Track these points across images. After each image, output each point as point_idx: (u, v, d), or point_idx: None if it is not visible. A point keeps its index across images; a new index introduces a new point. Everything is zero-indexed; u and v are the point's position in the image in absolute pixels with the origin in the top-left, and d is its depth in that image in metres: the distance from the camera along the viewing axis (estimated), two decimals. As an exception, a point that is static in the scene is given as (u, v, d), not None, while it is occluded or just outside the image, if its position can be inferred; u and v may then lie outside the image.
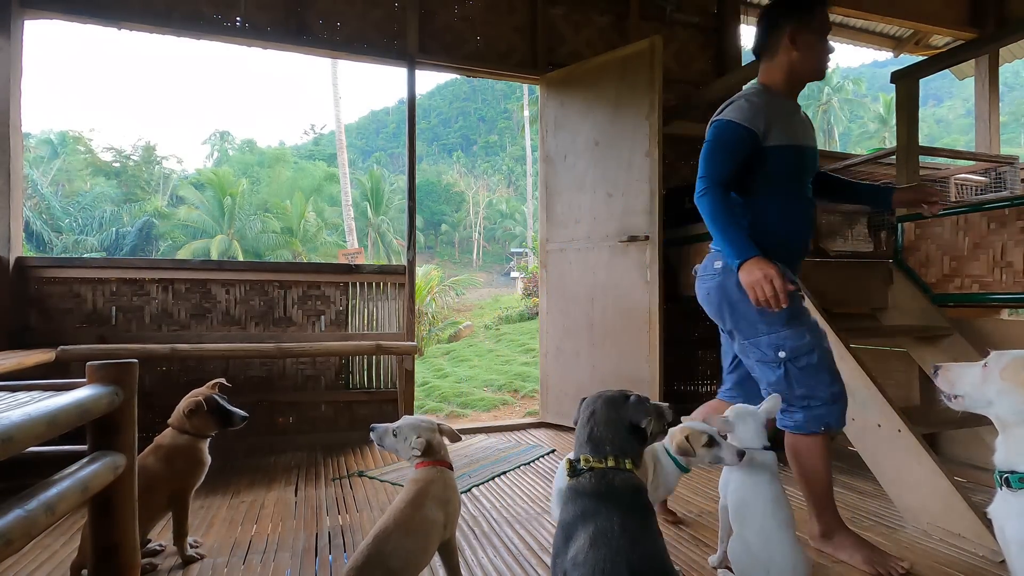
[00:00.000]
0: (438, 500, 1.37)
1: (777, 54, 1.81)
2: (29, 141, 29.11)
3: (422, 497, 1.35)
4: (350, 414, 3.29)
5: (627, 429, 1.14)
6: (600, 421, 1.15)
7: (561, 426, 3.50)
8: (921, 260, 2.82)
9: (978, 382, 1.19)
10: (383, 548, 1.24)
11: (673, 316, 3.76)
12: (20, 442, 0.88)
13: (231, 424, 1.79)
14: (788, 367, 1.69)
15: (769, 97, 1.78)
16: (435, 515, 1.35)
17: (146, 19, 3.02)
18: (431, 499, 1.36)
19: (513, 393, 7.15)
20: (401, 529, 1.28)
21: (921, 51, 5.09)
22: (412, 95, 3.42)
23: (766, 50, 1.85)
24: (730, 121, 1.76)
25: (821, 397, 1.69)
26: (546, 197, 3.65)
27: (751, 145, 1.73)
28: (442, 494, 1.39)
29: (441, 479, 1.42)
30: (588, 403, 1.20)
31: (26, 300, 2.84)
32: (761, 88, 1.82)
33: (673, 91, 3.86)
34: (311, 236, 26.31)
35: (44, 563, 1.73)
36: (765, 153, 1.74)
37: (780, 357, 1.70)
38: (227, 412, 1.79)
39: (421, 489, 1.37)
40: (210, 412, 1.76)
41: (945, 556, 1.77)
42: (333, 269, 3.43)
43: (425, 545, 1.32)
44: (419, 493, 1.36)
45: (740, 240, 1.64)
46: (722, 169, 1.73)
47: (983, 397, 1.18)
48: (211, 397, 1.78)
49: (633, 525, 0.98)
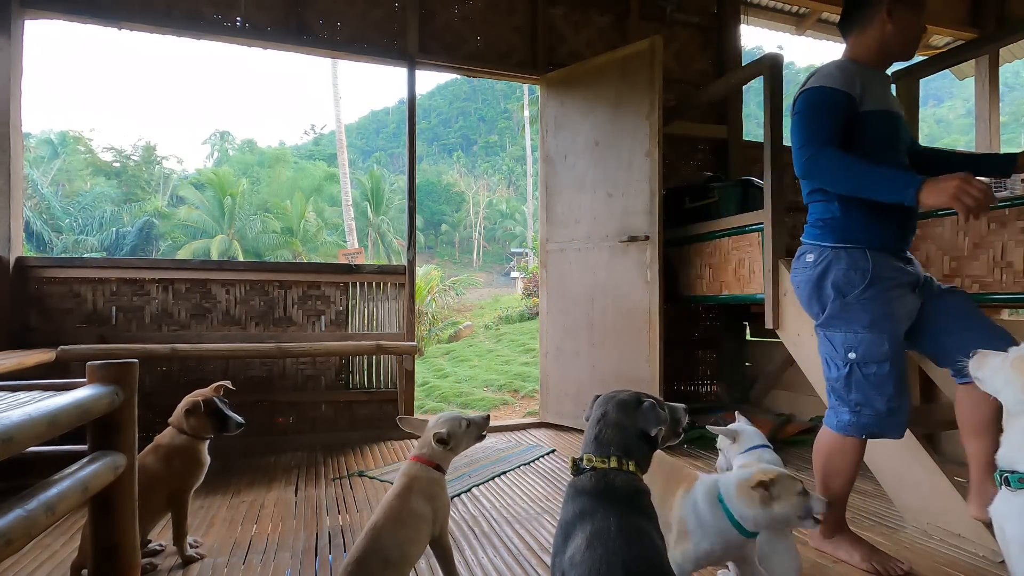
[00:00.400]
0: (424, 494, 1.43)
1: (869, 27, 1.69)
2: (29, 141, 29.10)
3: (407, 491, 1.42)
4: (350, 414, 3.29)
5: (636, 434, 1.12)
6: (610, 423, 1.13)
7: (561, 426, 3.50)
8: (921, 260, 2.82)
9: (996, 369, 1.24)
10: (379, 541, 1.32)
11: (673, 316, 3.77)
12: (20, 442, 0.88)
13: (227, 429, 1.78)
14: (854, 369, 1.63)
15: (859, 66, 1.68)
16: (422, 508, 1.41)
17: (146, 19, 3.02)
18: (416, 492, 1.42)
19: (513, 393, 7.16)
20: (392, 521, 1.36)
21: (921, 51, 5.09)
22: (412, 95, 3.42)
23: (857, 23, 1.73)
24: (823, 86, 1.64)
25: (875, 407, 1.62)
26: (546, 197, 3.65)
27: (848, 109, 1.62)
28: (427, 488, 1.45)
29: (425, 475, 1.47)
30: (600, 403, 1.18)
31: (26, 300, 2.84)
32: (849, 60, 1.73)
33: (673, 91, 3.87)
34: (311, 236, 26.31)
35: (44, 563, 1.73)
36: (863, 119, 1.63)
37: (849, 358, 1.64)
38: (224, 416, 1.78)
39: (406, 483, 1.44)
40: (207, 414, 1.75)
41: (945, 556, 1.77)
42: (333, 269, 3.43)
43: (415, 535, 1.39)
44: (405, 487, 1.43)
45: (894, 173, 1.50)
46: (825, 131, 1.60)
47: (993, 384, 1.24)
48: (211, 400, 1.77)
49: (630, 526, 0.97)
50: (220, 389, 1.86)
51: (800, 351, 2.57)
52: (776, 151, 2.72)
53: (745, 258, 2.89)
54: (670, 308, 3.17)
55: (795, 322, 2.58)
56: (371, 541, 1.32)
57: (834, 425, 1.70)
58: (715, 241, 3.11)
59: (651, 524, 1.03)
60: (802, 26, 4.70)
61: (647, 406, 1.14)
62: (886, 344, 1.61)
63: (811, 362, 2.50)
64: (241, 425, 1.80)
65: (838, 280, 1.67)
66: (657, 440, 1.14)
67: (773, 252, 2.68)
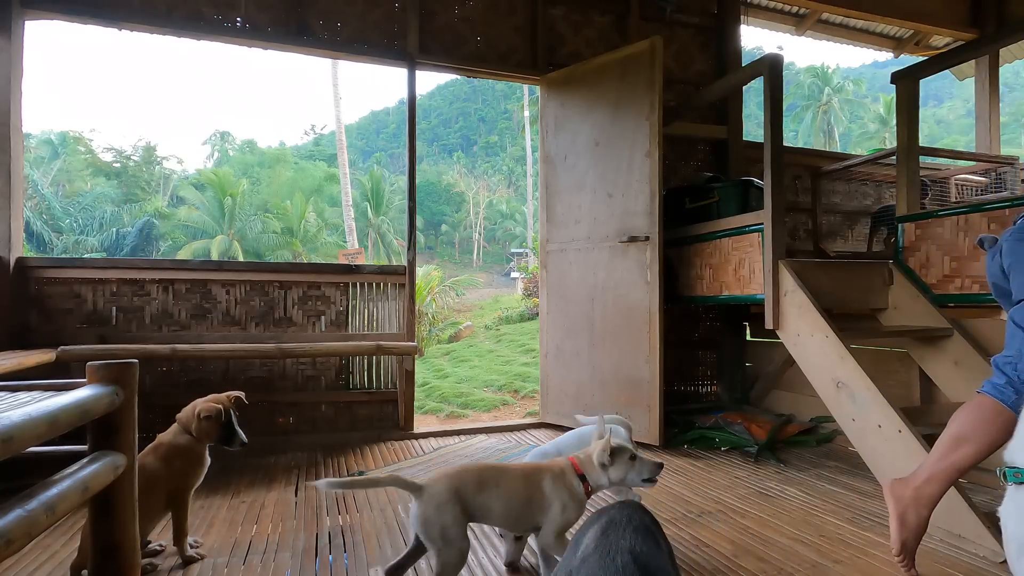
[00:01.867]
0: (557, 485, 1.48)
1: None
2: (29, 141, 29.12)
3: (541, 471, 1.51)
4: (350, 414, 3.29)
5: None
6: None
7: (561, 426, 3.50)
8: (921, 260, 2.82)
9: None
10: (499, 471, 1.48)
11: (673, 316, 3.77)
12: (20, 442, 0.89)
13: (229, 443, 1.80)
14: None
15: None
16: (548, 495, 1.47)
17: (146, 19, 3.03)
18: (549, 475, 1.49)
19: (513, 393, 7.15)
20: (519, 473, 1.49)
21: (921, 51, 5.09)
22: (412, 95, 3.43)
23: None
24: None
25: None
26: (546, 197, 3.65)
27: None
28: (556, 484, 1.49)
29: (560, 470, 1.52)
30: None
31: (26, 300, 2.84)
32: None
33: (673, 91, 3.87)
34: (311, 236, 26.33)
35: (44, 563, 1.73)
36: None
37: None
38: (233, 431, 1.80)
39: (545, 465, 1.54)
40: (220, 425, 1.78)
41: (945, 556, 1.77)
42: (333, 269, 3.43)
43: (527, 509, 1.46)
44: (541, 467, 1.53)
45: None
46: None
47: None
48: (230, 411, 1.80)
49: (639, 522, 1.07)
50: (234, 400, 1.86)
51: (800, 351, 2.57)
52: (776, 151, 2.72)
53: (745, 258, 2.89)
54: (670, 308, 3.17)
55: (795, 322, 2.58)
56: (493, 466, 1.50)
57: (990, 389, 1.59)
58: (715, 241, 3.11)
59: (658, 529, 1.13)
60: (802, 26, 4.70)
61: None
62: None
63: (811, 362, 2.51)
64: (243, 444, 1.82)
65: None
66: None
67: (773, 252, 2.68)
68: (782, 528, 1.98)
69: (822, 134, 37.94)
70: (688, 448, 3.04)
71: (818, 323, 2.43)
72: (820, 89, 39.02)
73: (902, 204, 3.02)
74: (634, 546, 0.98)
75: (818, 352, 2.44)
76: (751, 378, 3.91)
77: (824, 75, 39.70)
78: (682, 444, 3.08)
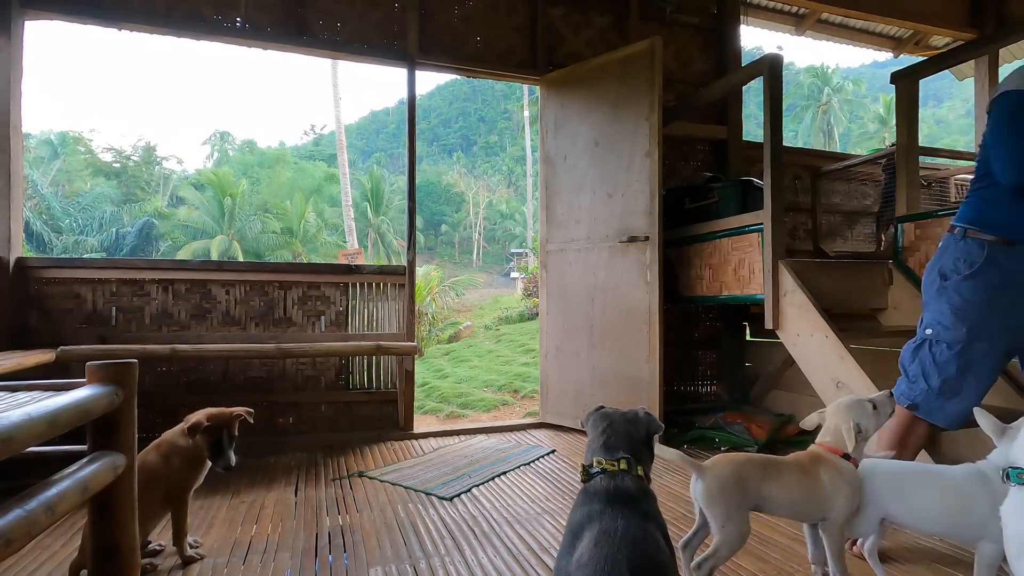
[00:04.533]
0: (833, 474, 1.49)
1: None
2: (29, 141, 29.11)
3: (819, 463, 1.51)
4: (350, 414, 3.29)
5: (641, 440, 1.19)
6: (618, 431, 1.19)
7: (561, 426, 3.50)
8: (921, 260, 2.82)
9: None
10: (778, 464, 1.50)
11: (673, 316, 3.77)
12: (20, 442, 0.89)
13: (214, 462, 1.74)
14: (924, 344, 1.69)
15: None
16: (829, 485, 1.47)
17: (146, 20, 3.03)
18: (827, 467, 1.49)
19: (513, 393, 7.15)
20: (798, 468, 1.49)
21: (921, 51, 5.09)
22: (412, 95, 3.43)
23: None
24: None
25: (929, 384, 1.68)
26: (546, 198, 3.65)
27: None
28: (834, 475, 1.49)
29: (832, 463, 1.52)
30: (601, 416, 1.24)
31: (26, 300, 2.84)
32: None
33: (673, 91, 3.87)
34: (311, 237, 26.33)
35: (44, 563, 1.73)
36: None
37: (926, 334, 1.69)
38: (220, 450, 1.74)
39: (816, 456, 1.54)
40: (209, 440, 1.73)
41: (945, 556, 1.77)
42: (333, 269, 3.43)
43: (809, 504, 1.47)
44: (815, 457, 1.53)
45: None
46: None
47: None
48: (220, 429, 1.73)
49: (636, 527, 1.00)
50: (239, 416, 1.81)
51: (800, 351, 2.57)
52: (776, 151, 2.72)
53: (745, 258, 2.89)
54: (670, 308, 3.17)
55: (795, 322, 2.58)
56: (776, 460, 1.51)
57: (896, 392, 1.72)
58: (715, 241, 3.12)
59: (657, 526, 1.06)
60: (802, 26, 4.70)
61: (648, 413, 1.24)
62: (964, 335, 1.64)
63: (810, 362, 2.51)
64: (227, 468, 1.74)
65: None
66: (652, 450, 1.23)
67: (773, 252, 2.68)
68: (782, 528, 1.98)
69: (822, 134, 37.96)
70: (688, 448, 3.04)
71: (818, 323, 2.43)
72: (820, 89, 39.05)
73: (902, 204, 3.02)
74: (631, 558, 0.94)
75: (818, 352, 2.44)
76: (751, 378, 3.91)
77: (824, 75, 39.73)
78: (682, 444, 3.08)
